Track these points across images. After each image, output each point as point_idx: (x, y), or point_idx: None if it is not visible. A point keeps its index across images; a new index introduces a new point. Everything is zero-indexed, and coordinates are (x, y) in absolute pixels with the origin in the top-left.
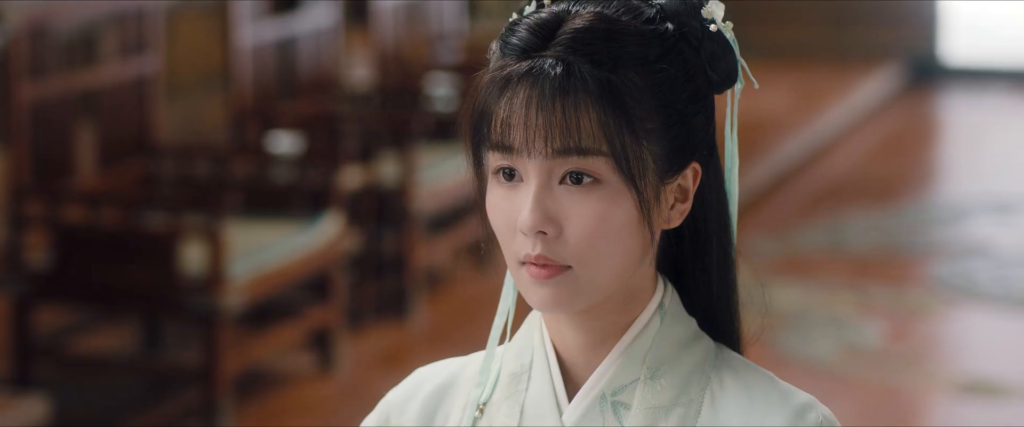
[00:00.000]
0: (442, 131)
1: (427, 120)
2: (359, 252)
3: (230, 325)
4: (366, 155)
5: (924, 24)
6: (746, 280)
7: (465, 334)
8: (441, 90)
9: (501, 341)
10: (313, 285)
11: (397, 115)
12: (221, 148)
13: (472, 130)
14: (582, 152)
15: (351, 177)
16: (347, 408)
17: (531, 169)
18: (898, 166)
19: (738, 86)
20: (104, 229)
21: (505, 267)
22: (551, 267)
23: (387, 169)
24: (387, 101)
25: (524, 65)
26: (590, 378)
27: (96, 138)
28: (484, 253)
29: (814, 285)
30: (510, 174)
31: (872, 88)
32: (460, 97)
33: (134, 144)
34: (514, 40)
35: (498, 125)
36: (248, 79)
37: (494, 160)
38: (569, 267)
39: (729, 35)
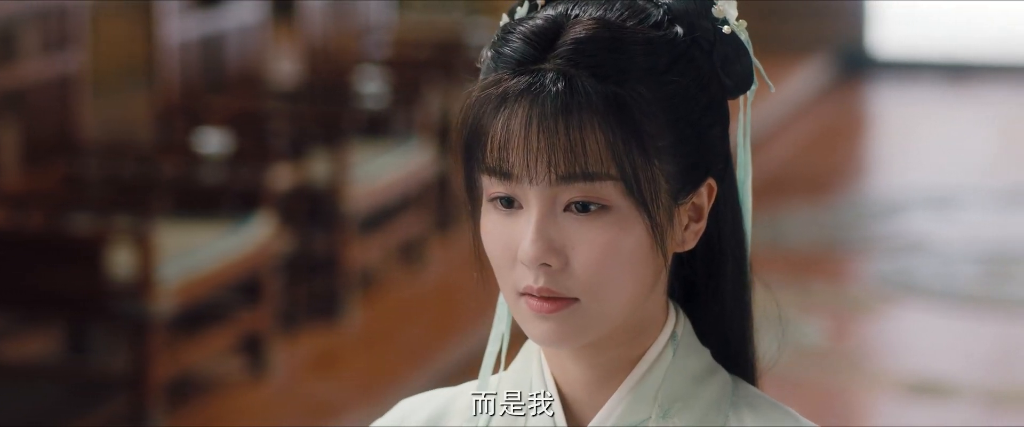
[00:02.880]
0: (374, 127)
1: (359, 116)
2: (291, 253)
3: (160, 330)
4: (297, 153)
5: (853, 16)
6: (758, 300)
7: (400, 336)
8: (372, 85)
9: (495, 370)
10: (244, 287)
11: (327, 112)
12: (148, 147)
13: (464, 150)
14: (589, 177)
15: (282, 176)
16: (281, 412)
17: (532, 196)
18: (831, 160)
19: (752, 90)
20: (28, 232)
21: (496, 288)
22: (556, 300)
23: (318, 167)
24: (316, 97)
25: (522, 80)
26: (596, 417)
27: (18, 137)
28: (478, 282)
29: (754, 283)
30: (508, 202)
31: (802, 81)
32: (392, 92)
33: (58, 143)
34: (508, 50)
35: (494, 148)
36: (175, 76)
37: (490, 186)
38: (576, 299)
39: (743, 36)
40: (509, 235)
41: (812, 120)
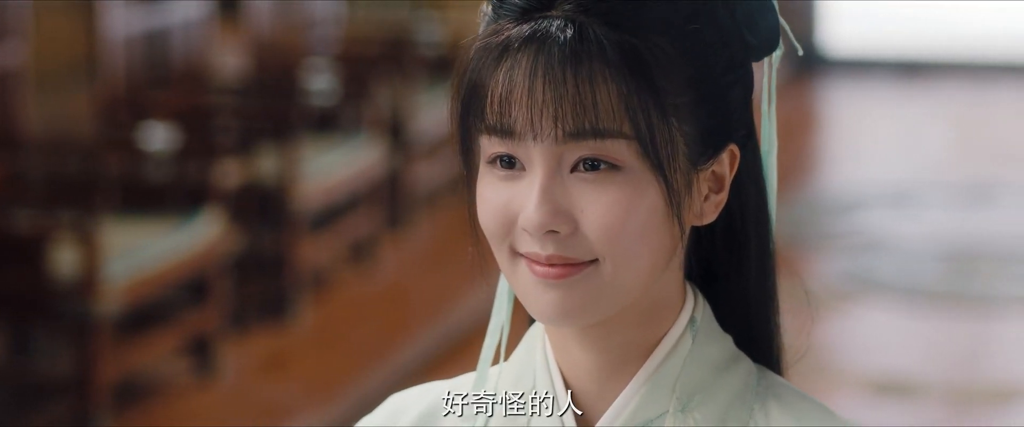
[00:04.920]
0: (323, 123)
1: (307, 112)
2: (240, 251)
3: (105, 331)
4: (244, 149)
5: (803, 14)
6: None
7: (351, 336)
8: (320, 80)
9: (495, 362)
10: (192, 287)
11: (275, 107)
12: (92, 142)
13: (461, 109)
14: (599, 134)
15: (229, 172)
16: (230, 415)
17: (536, 156)
18: (785, 157)
19: (777, 53)
20: None
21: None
22: (568, 266)
23: (267, 164)
24: (264, 92)
25: (526, 28)
26: (608, 411)
27: None
28: (473, 261)
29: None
30: (509, 162)
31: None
32: (341, 87)
33: None
34: None
35: (495, 103)
36: (119, 71)
37: (489, 146)
38: (592, 262)
39: None
40: (509, 200)
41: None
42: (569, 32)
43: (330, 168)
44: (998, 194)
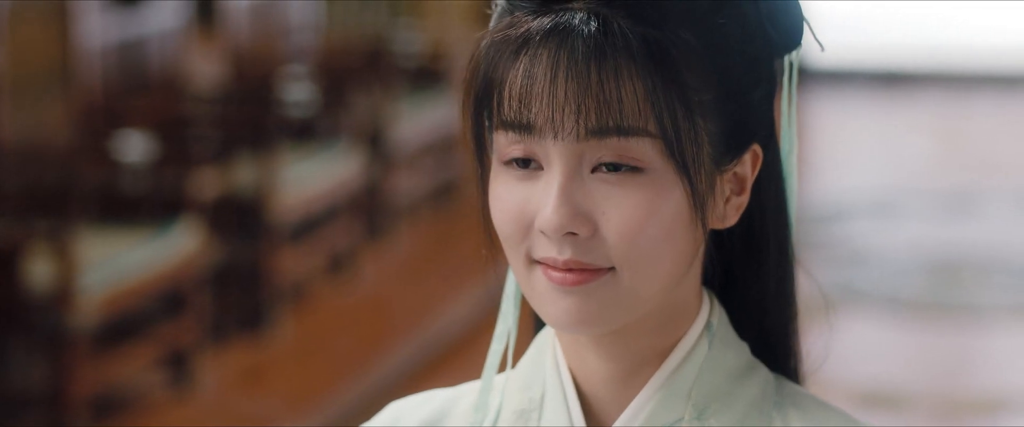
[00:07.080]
0: (302, 132)
1: (286, 121)
2: (218, 263)
3: (81, 344)
4: (222, 158)
5: None
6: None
7: (330, 349)
8: (298, 88)
9: (501, 369)
10: (169, 299)
11: (253, 116)
12: (67, 151)
13: (474, 104)
14: (623, 132)
15: (207, 181)
16: None
17: (556, 154)
18: None
19: (797, 52)
20: None
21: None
22: (585, 271)
23: (244, 173)
24: (243, 101)
25: (546, 20)
26: (620, 418)
27: None
28: (487, 262)
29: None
30: (524, 162)
31: None
32: (319, 95)
33: None
34: None
35: (512, 98)
36: (95, 80)
37: (504, 144)
38: (609, 269)
39: None
40: (525, 200)
41: None
42: (593, 25)
43: (309, 178)
44: (980, 203)
